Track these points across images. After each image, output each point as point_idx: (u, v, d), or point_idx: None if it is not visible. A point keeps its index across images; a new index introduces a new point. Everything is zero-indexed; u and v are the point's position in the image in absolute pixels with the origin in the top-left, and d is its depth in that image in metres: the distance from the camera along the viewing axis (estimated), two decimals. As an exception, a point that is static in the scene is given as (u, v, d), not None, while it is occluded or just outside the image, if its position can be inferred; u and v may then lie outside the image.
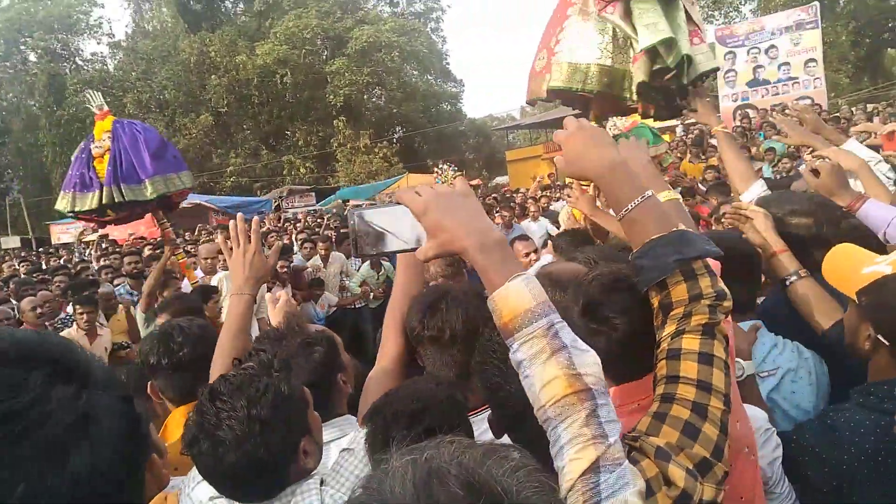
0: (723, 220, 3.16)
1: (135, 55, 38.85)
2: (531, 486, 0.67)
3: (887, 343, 1.72)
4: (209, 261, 6.57)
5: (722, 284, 1.23)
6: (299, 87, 36.41)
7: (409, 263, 1.85)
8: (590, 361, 1.00)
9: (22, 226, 32.12)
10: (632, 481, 0.95)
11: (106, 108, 5.66)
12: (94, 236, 16.45)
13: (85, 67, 40.49)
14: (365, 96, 37.85)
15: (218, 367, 1.93)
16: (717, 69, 3.54)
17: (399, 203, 1.18)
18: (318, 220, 15.66)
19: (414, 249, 1.18)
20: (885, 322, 1.73)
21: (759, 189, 2.74)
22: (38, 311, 5.79)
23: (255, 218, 2.13)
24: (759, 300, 2.40)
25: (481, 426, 1.52)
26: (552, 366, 0.98)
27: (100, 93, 5.87)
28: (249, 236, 2.06)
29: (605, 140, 1.32)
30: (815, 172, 2.57)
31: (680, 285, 1.21)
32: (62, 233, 23.92)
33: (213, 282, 6.30)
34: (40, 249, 21.68)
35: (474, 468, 0.67)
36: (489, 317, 1.44)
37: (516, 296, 1.02)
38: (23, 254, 18.90)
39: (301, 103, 37.27)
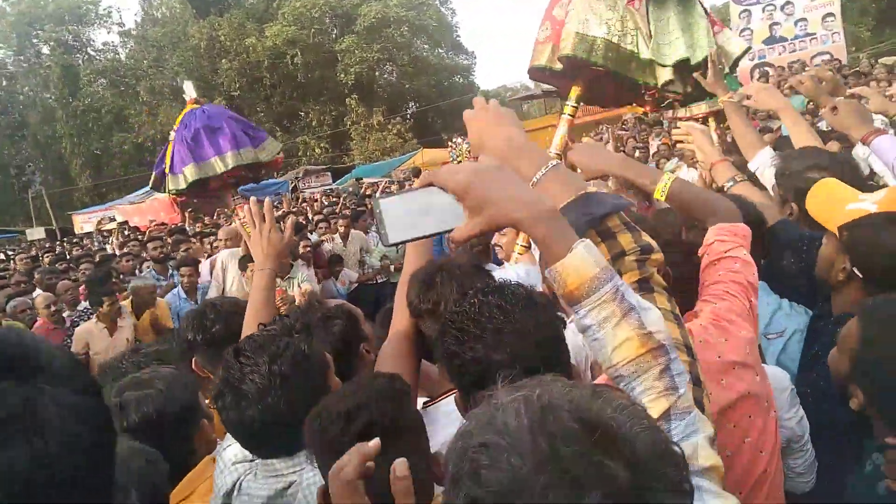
0: (672, 135, 3.29)
1: (145, 43, 38.92)
2: (639, 423, 0.71)
3: (861, 276, 1.82)
4: (229, 242, 6.66)
5: (647, 238, 1.21)
6: (310, 67, 36.28)
7: (417, 242, 1.88)
8: (656, 318, 1.03)
9: (45, 217, 32.59)
10: (701, 428, 1.00)
11: (194, 96, 5.86)
12: (112, 225, 16.66)
13: (97, 57, 40.71)
14: (376, 73, 37.62)
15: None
16: (749, 49, 3.58)
17: (428, 185, 1.15)
18: (335, 199, 15.75)
19: (449, 231, 1.13)
20: (863, 256, 1.81)
21: (766, 156, 2.77)
22: (52, 308, 5.88)
23: (267, 199, 2.28)
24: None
25: (450, 407, 1.55)
26: (624, 328, 1.00)
27: (190, 83, 6.05)
28: (264, 216, 2.21)
29: (508, 119, 1.33)
30: (834, 109, 2.65)
31: (599, 247, 1.16)
32: (84, 222, 24.26)
33: (218, 261, 6.39)
34: (64, 239, 22.04)
35: (586, 405, 0.71)
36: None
37: (581, 263, 1.01)
38: (47, 244, 19.18)
39: (313, 83, 37.16)
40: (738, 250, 1.73)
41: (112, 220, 15.25)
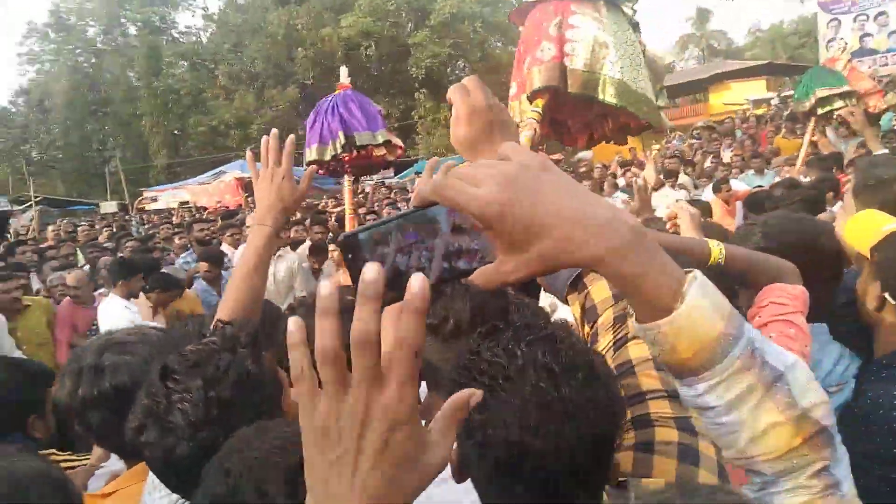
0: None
1: (226, 28, 39.94)
2: None
3: (894, 302, 1.61)
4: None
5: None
6: (383, 60, 36.44)
7: None
8: (811, 385, 0.72)
9: (121, 192, 33.86)
10: None
11: (346, 83, 6.08)
12: (156, 205, 16.91)
13: (180, 40, 42.06)
14: (447, 69, 37.45)
15: (226, 310, 1.65)
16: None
17: (426, 204, 0.70)
18: (387, 193, 15.62)
19: (467, 272, 0.71)
20: (893, 280, 1.61)
21: None
22: (80, 288, 5.75)
23: (291, 137, 1.82)
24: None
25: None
26: (769, 409, 0.70)
27: (346, 68, 6.34)
28: (280, 157, 1.76)
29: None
30: None
31: (599, 282, 0.97)
32: (150, 200, 24.99)
33: (236, 256, 6.18)
34: (126, 216, 22.76)
35: None
36: (503, 310, 1.17)
37: (699, 317, 0.67)
38: (109, 221, 19.76)
39: (384, 76, 37.32)
40: (795, 315, 1.52)
41: (154, 200, 15.51)
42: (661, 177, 7.59)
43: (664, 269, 0.68)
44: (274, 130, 1.83)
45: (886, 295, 1.63)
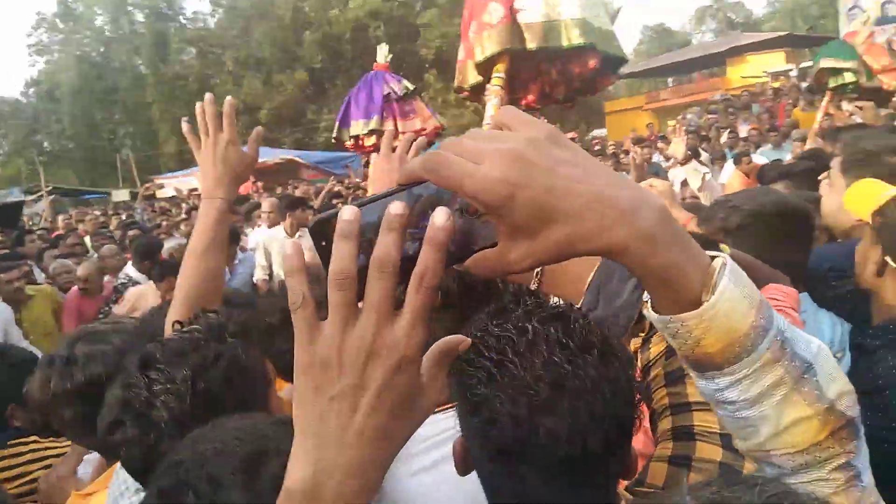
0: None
1: (234, 13, 39.77)
2: None
3: (895, 265, 1.63)
4: (272, 214, 6.27)
5: None
6: (391, 41, 36.15)
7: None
8: (837, 374, 0.66)
9: (132, 180, 33.98)
10: None
11: (383, 62, 6.19)
12: (163, 192, 16.88)
13: (188, 26, 41.95)
14: (457, 48, 37.21)
15: (178, 302, 1.50)
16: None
17: (413, 182, 0.58)
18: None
19: (462, 258, 0.60)
20: (894, 243, 1.63)
21: None
22: (84, 284, 5.59)
23: (229, 98, 1.64)
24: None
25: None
26: (795, 403, 0.63)
27: (386, 46, 6.47)
28: (221, 122, 1.59)
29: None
30: None
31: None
32: (160, 188, 25.02)
33: (250, 243, 6.06)
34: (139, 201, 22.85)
35: None
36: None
37: (730, 310, 0.59)
38: (120, 210, 19.79)
39: (393, 57, 37.00)
40: (790, 310, 1.60)
41: (161, 187, 15.55)
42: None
43: (692, 256, 0.60)
44: (209, 95, 1.65)
45: (888, 258, 1.66)
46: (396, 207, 0.53)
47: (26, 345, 4.58)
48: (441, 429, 1.07)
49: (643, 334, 1.05)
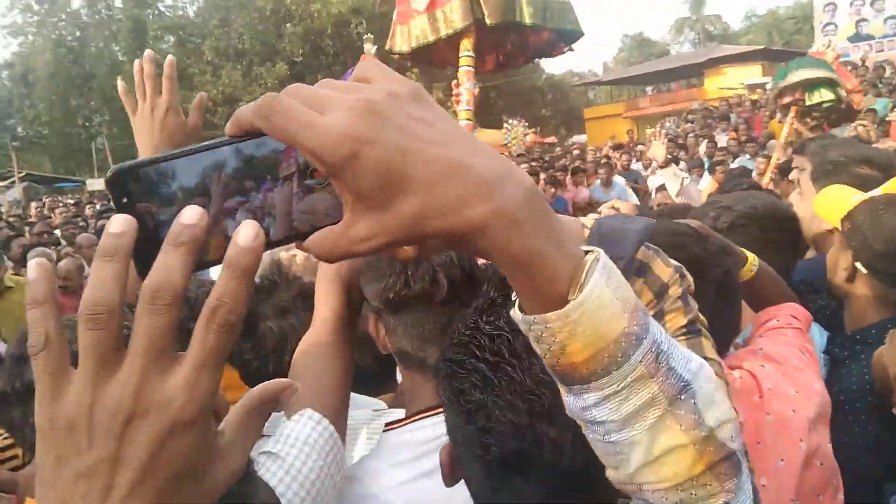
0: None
1: (213, 2, 39.26)
2: None
3: (865, 271, 1.63)
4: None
5: (672, 261, 0.98)
6: (373, 38, 36.07)
7: None
8: (717, 396, 0.56)
9: (107, 168, 33.53)
10: None
11: (372, 54, 6.15)
12: None
13: (166, 13, 41.32)
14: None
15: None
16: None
17: (246, 133, 0.47)
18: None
19: (300, 236, 0.49)
20: (863, 248, 1.62)
21: None
22: (63, 281, 5.41)
23: (170, 57, 1.46)
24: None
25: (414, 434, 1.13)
26: (669, 428, 0.54)
27: (371, 36, 6.36)
28: (161, 85, 1.43)
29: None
30: None
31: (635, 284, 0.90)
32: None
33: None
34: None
35: None
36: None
37: (598, 311, 0.50)
38: (95, 199, 19.48)
39: (375, 54, 36.96)
40: (800, 329, 1.53)
41: None
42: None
43: (561, 245, 0.50)
44: (149, 51, 1.48)
45: (857, 264, 1.65)
46: (190, 215, 0.41)
47: (-1, 341, 4.50)
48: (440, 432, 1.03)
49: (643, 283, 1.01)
